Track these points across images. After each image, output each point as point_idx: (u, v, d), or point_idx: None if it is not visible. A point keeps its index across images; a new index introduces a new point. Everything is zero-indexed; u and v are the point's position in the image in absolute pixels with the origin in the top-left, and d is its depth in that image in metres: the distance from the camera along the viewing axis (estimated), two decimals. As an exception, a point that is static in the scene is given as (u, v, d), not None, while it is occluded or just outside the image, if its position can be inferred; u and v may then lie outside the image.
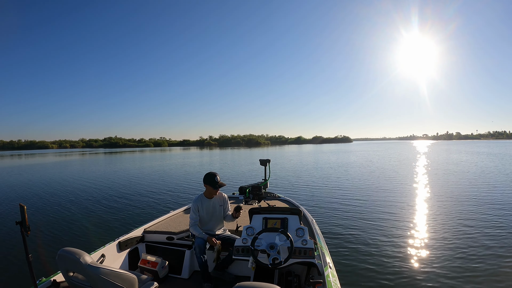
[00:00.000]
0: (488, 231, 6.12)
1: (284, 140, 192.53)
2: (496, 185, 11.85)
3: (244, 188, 5.53)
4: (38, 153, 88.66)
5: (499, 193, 10.17)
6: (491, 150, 45.09)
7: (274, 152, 53.70)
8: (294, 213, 3.02)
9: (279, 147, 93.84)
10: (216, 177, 3.34)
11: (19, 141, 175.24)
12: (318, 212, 7.96)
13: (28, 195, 12.23)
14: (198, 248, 3.17)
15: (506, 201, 8.90)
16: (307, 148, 77.39)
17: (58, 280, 2.44)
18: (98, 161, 38.50)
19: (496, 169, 17.47)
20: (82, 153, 77.63)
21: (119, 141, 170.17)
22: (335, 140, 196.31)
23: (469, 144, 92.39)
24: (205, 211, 3.45)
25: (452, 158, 28.85)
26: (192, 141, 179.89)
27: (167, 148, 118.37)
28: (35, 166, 29.97)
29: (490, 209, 7.94)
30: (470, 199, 9.31)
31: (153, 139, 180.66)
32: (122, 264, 3.40)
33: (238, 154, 50.60)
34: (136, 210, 8.88)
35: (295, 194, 10.70)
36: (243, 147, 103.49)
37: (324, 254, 2.91)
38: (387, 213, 7.81)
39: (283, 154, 46.44)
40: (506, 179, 13.33)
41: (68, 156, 55.53)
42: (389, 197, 9.89)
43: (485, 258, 4.77)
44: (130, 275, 2.19)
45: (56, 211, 9.04)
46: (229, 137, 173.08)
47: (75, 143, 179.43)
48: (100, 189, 13.22)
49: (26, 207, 1.97)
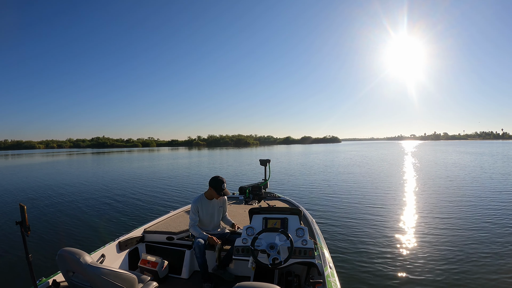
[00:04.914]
0: (488, 229, 6.13)
1: (273, 140, 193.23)
2: (485, 182, 11.88)
3: (244, 188, 5.53)
4: (25, 153, 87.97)
5: (490, 189, 10.20)
6: (480, 150, 45.18)
7: (262, 153, 53.58)
8: (294, 213, 3.01)
9: (267, 147, 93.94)
10: (223, 184, 3.39)
11: (6, 141, 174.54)
12: (318, 212, 7.97)
13: (28, 195, 12.24)
14: (198, 248, 3.17)
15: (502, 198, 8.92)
16: (296, 148, 77.40)
17: (58, 280, 2.44)
18: (96, 161, 38.51)
19: (485, 168, 17.50)
20: (70, 153, 77.09)
21: (107, 141, 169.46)
22: (323, 140, 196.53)
23: (457, 144, 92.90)
24: (205, 212, 3.47)
25: (446, 158, 28.86)
26: (180, 141, 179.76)
27: (155, 148, 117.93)
28: (33, 166, 29.98)
29: (489, 207, 7.96)
30: (470, 199, 9.33)
31: (141, 139, 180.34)
32: (122, 264, 3.40)
33: (226, 154, 50.55)
34: (136, 210, 8.88)
35: (295, 194, 10.70)
36: (232, 147, 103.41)
37: (324, 254, 2.91)
38: (387, 213, 7.81)
39: (272, 154, 46.45)
40: (496, 177, 13.35)
41: (56, 157, 54.99)
42: (389, 197, 9.90)
43: (485, 258, 4.78)
44: (130, 275, 2.19)
45: (56, 211, 9.04)
46: (218, 137, 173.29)
47: (62, 143, 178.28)
48: (100, 189, 13.22)
49: (26, 207, 1.97)
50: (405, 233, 6.17)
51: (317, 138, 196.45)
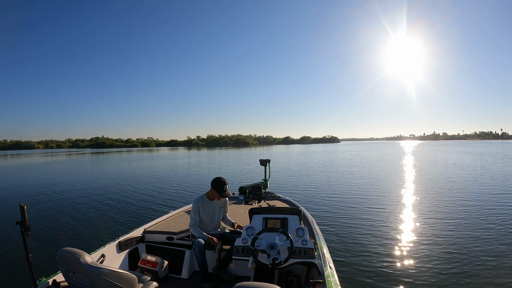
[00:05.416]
0: (489, 230, 6.13)
1: (272, 140, 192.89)
2: (487, 182, 11.88)
3: (244, 188, 5.53)
4: (24, 153, 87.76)
5: (492, 189, 10.20)
6: (480, 150, 45.15)
7: (262, 153, 53.53)
8: (294, 213, 3.02)
9: (267, 147, 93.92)
10: (226, 186, 3.39)
11: (5, 141, 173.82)
12: (318, 212, 7.97)
13: (28, 195, 12.23)
14: (198, 248, 3.17)
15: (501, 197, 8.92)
16: (296, 148, 77.37)
17: (58, 280, 2.44)
18: (96, 161, 38.50)
19: (486, 168, 17.50)
20: (69, 153, 76.89)
21: (106, 141, 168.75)
22: (323, 140, 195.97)
23: (456, 144, 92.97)
24: (206, 212, 3.47)
25: (446, 158, 28.86)
26: (179, 141, 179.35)
27: (155, 148, 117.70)
28: (33, 166, 29.97)
29: (490, 208, 7.96)
30: (471, 199, 9.33)
31: (140, 139, 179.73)
32: (122, 264, 3.40)
33: (226, 154, 50.53)
34: (136, 210, 8.88)
35: (295, 194, 10.70)
36: (231, 147, 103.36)
37: (324, 254, 2.91)
38: (387, 213, 7.81)
39: (271, 154, 46.43)
40: (498, 177, 13.35)
41: (55, 157, 54.90)
42: (389, 197, 9.90)
43: (486, 259, 4.78)
44: (130, 275, 2.19)
45: (56, 211, 9.04)
46: (217, 137, 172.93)
47: (62, 143, 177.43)
48: (99, 189, 13.22)
49: (26, 207, 1.97)
50: (405, 233, 6.17)
51: (316, 138, 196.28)
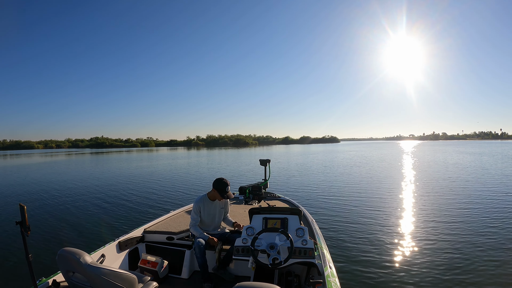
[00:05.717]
0: (490, 231, 6.14)
1: (272, 140, 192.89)
2: (488, 183, 11.88)
3: (244, 188, 5.54)
4: (23, 153, 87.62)
5: (493, 190, 10.20)
6: (479, 150, 45.18)
7: (261, 153, 53.50)
8: (294, 213, 3.02)
9: (266, 147, 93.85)
10: (228, 187, 3.39)
11: (4, 141, 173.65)
12: (318, 212, 7.97)
13: (27, 195, 12.23)
14: (198, 248, 3.17)
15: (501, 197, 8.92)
16: (295, 148, 77.33)
17: (58, 280, 2.44)
18: (95, 161, 38.49)
19: (487, 168, 17.50)
20: (68, 153, 76.80)
21: (106, 141, 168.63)
22: (322, 140, 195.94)
23: (456, 144, 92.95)
24: (207, 212, 3.48)
25: (446, 158, 28.86)
26: (179, 141, 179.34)
27: (154, 148, 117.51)
28: (32, 166, 29.96)
29: (491, 208, 7.97)
30: (472, 199, 9.33)
31: (140, 139, 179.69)
32: (122, 264, 3.40)
33: (225, 154, 50.52)
34: (136, 210, 8.88)
35: (295, 194, 10.70)
36: (231, 147, 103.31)
37: (324, 254, 2.92)
38: (388, 213, 7.81)
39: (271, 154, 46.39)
40: (499, 177, 13.36)
41: (54, 157, 54.81)
42: (389, 197, 9.90)
43: (486, 259, 4.78)
44: (130, 275, 2.19)
45: (56, 211, 9.04)
46: (217, 137, 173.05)
47: (61, 143, 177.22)
48: (99, 189, 13.22)
49: (26, 207, 1.97)
50: (406, 233, 6.17)
51: (316, 138, 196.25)
